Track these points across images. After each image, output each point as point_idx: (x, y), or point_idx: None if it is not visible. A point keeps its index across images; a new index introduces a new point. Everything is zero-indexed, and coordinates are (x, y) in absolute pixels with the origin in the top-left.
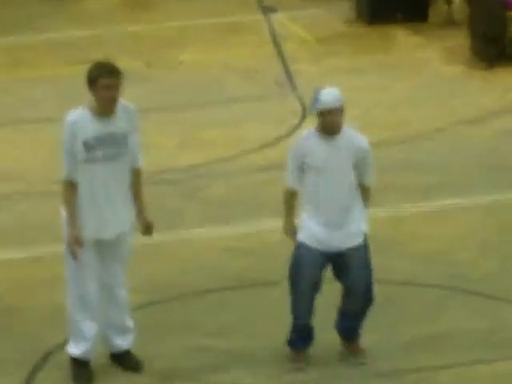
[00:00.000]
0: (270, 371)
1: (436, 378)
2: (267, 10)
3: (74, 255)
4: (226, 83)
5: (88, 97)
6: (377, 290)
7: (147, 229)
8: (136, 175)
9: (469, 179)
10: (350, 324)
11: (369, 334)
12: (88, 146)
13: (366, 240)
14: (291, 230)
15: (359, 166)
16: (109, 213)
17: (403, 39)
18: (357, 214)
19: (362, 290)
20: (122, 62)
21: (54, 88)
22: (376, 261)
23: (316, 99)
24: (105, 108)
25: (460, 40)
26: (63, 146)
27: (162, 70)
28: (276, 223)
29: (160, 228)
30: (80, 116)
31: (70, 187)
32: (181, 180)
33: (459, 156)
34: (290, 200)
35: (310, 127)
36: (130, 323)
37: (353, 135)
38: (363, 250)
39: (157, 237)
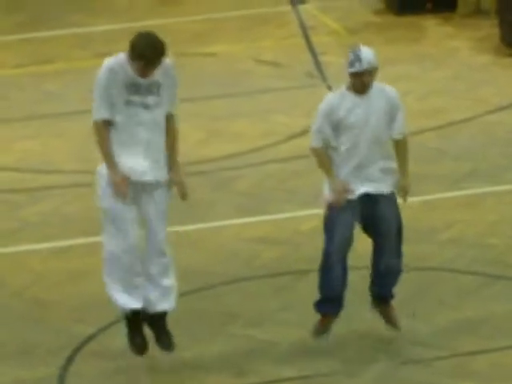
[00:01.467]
0: (302, 362)
1: (472, 364)
2: (296, 1)
3: (123, 194)
4: (255, 75)
5: None
6: (412, 276)
7: (181, 189)
8: (169, 122)
9: (500, 167)
10: (386, 281)
11: (404, 320)
12: (129, 89)
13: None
14: (343, 187)
15: (393, 117)
16: (146, 157)
17: (433, 29)
18: (391, 168)
19: (395, 237)
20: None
21: (81, 81)
22: (411, 248)
23: (358, 58)
24: (139, 76)
25: (489, 29)
26: (97, 87)
27: (191, 62)
28: (306, 212)
29: (191, 219)
30: (118, 62)
31: (104, 127)
32: (210, 171)
33: (490, 144)
34: (326, 159)
35: (338, 88)
36: (169, 282)
37: (382, 87)
38: (394, 198)
39: (189, 227)
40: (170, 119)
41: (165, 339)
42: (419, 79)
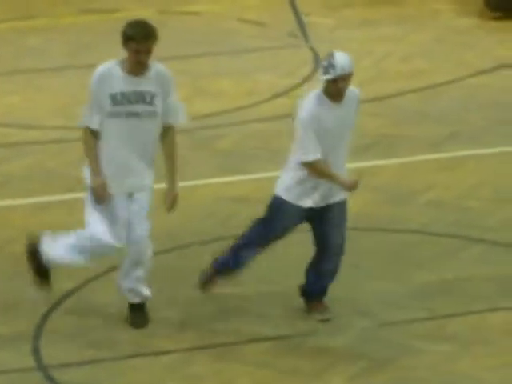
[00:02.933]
0: (280, 322)
1: (449, 327)
2: None
3: (100, 201)
4: (238, 34)
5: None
6: (390, 238)
7: (171, 202)
8: (168, 133)
9: (481, 130)
10: (326, 283)
11: (380, 283)
12: (114, 100)
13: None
14: (354, 183)
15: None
16: (124, 170)
17: None
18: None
19: (342, 246)
20: (133, 11)
21: (64, 37)
22: (389, 210)
23: (331, 65)
24: (132, 69)
25: None
26: (90, 94)
27: (175, 19)
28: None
29: None
30: (110, 69)
31: (90, 134)
32: (192, 129)
33: (471, 107)
34: (325, 166)
35: (313, 91)
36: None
37: (350, 91)
38: (345, 205)
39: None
40: (168, 130)
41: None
42: (400, 41)
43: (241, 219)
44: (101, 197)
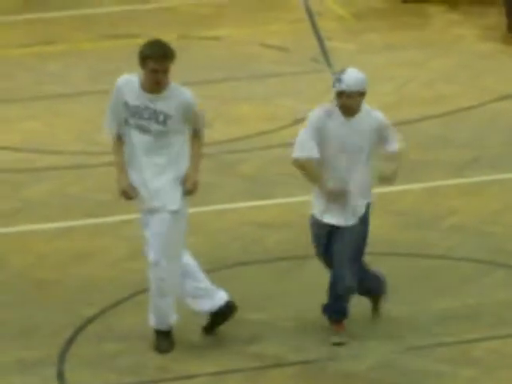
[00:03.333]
0: (304, 347)
1: (473, 352)
2: None
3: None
4: (261, 59)
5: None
6: (414, 263)
7: (190, 185)
8: (194, 137)
9: (504, 155)
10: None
11: (405, 307)
12: (129, 110)
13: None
14: (335, 190)
15: (381, 139)
16: (140, 184)
17: (438, 16)
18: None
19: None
20: (154, 37)
21: (83, 63)
22: (411, 235)
23: (338, 79)
24: (149, 88)
25: (496, 17)
26: (110, 101)
27: (196, 44)
28: (311, 197)
29: (194, 202)
30: (131, 80)
31: (116, 141)
32: (215, 154)
33: (494, 132)
34: (314, 166)
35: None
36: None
37: (369, 112)
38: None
39: (192, 210)
40: (195, 134)
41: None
42: (423, 66)
43: (266, 244)
44: (129, 197)
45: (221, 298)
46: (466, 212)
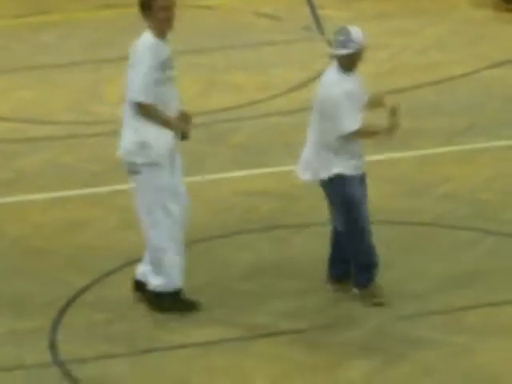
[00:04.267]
0: (296, 316)
1: (464, 319)
2: None
3: (187, 131)
4: (253, 28)
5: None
6: (406, 231)
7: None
8: None
9: (498, 122)
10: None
11: (397, 274)
12: (164, 67)
13: None
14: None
15: None
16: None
17: None
18: None
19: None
20: None
21: (78, 33)
22: (406, 202)
23: (348, 40)
24: (163, 29)
25: None
26: (143, 68)
27: (190, 13)
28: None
29: (188, 171)
30: (153, 38)
31: (151, 106)
32: (208, 123)
33: (488, 100)
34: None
35: (330, 68)
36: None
37: None
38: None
39: (185, 180)
40: None
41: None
42: (417, 34)
43: (260, 213)
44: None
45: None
46: (458, 180)
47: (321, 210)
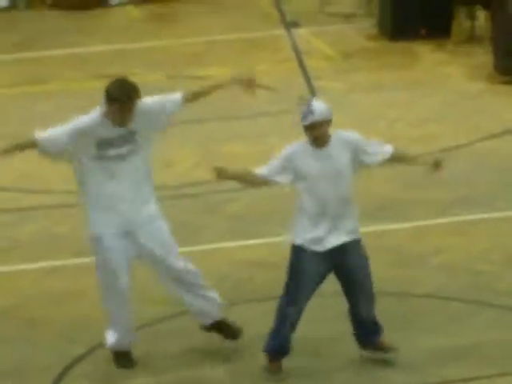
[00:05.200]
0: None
1: None
2: (290, 25)
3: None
4: (250, 98)
5: None
6: (402, 302)
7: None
8: (189, 95)
9: (492, 194)
10: (373, 326)
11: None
12: (101, 145)
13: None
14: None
15: (359, 155)
16: (123, 209)
17: (426, 55)
18: (354, 212)
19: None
20: (142, 76)
21: (74, 102)
22: (400, 273)
23: (309, 112)
24: (115, 124)
25: (483, 56)
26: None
27: (184, 84)
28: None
29: (182, 242)
30: (92, 120)
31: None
32: (203, 193)
33: (483, 171)
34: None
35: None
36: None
37: (340, 134)
38: (359, 244)
39: (180, 250)
40: (186, 96)
41: (232, 331)
42: (411, 106)
43: (255, 283)
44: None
45: None
46: (453, 251)
47: None
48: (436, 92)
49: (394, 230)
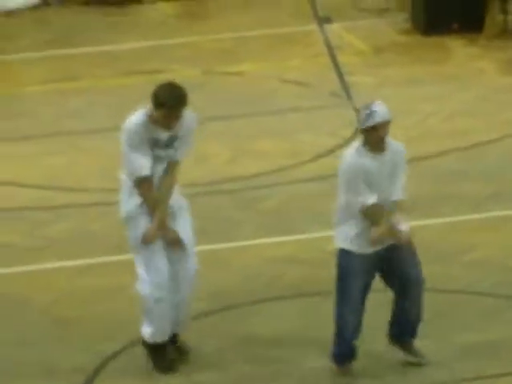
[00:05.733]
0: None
1: None
2: (323, 20)
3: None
4: (281, 94)
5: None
6: (434, 298)
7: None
8: (172, 168)
9: None
10: (415, 324)
11: (426, 342)
12: (152, 144)
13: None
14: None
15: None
16: None
17: (459, 50)
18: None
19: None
20: (178, 72)
21: (106, 99)
22: (433, 269)
23: (370, 114)
24: (163, 127)
25: None
26: (127, 145)
27: (218, 80)
28: (332, 232)
29: (217, 239)
30: (139, 119)
31: (146, 181)
32: (236, 190)
33: None
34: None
35: (353, 145)
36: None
37: (395, 145)
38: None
39: (214, 247)
40: (173, 165)
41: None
42: (444, 100)
43: (288, 280)
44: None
45: None
46: (486, 247)
47: None
48: (468, 87)
49: (426, 226)
